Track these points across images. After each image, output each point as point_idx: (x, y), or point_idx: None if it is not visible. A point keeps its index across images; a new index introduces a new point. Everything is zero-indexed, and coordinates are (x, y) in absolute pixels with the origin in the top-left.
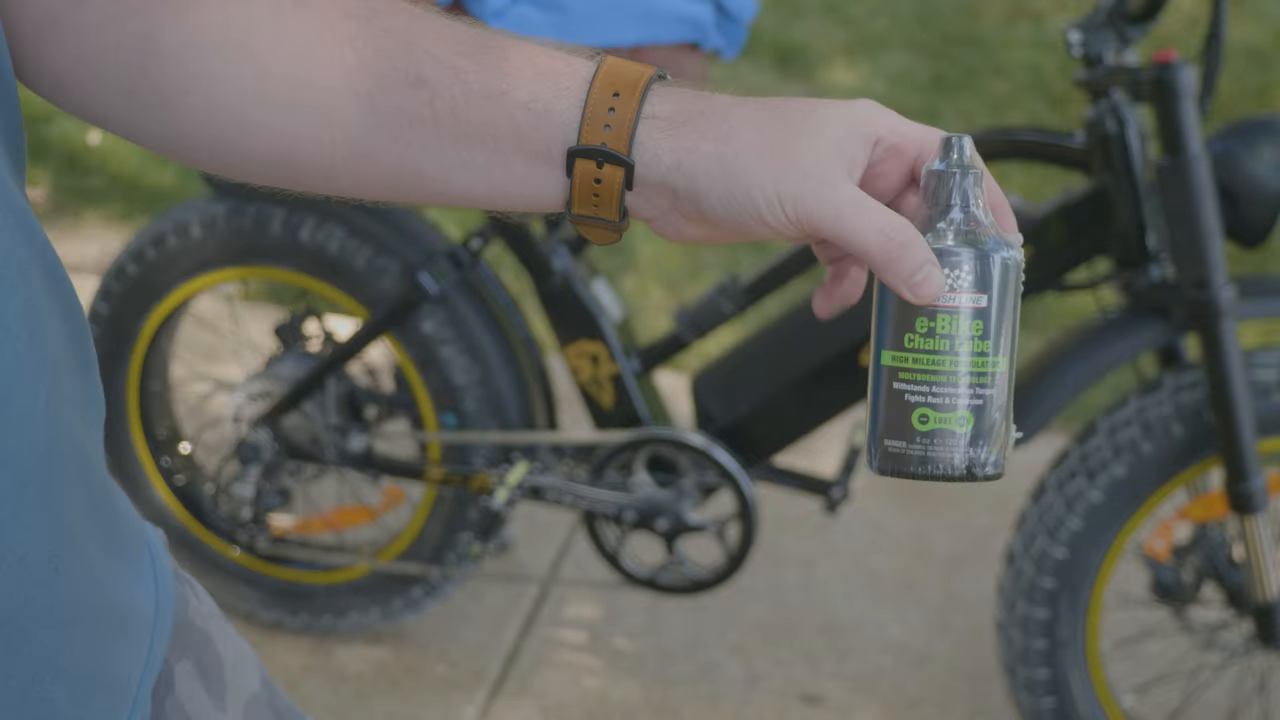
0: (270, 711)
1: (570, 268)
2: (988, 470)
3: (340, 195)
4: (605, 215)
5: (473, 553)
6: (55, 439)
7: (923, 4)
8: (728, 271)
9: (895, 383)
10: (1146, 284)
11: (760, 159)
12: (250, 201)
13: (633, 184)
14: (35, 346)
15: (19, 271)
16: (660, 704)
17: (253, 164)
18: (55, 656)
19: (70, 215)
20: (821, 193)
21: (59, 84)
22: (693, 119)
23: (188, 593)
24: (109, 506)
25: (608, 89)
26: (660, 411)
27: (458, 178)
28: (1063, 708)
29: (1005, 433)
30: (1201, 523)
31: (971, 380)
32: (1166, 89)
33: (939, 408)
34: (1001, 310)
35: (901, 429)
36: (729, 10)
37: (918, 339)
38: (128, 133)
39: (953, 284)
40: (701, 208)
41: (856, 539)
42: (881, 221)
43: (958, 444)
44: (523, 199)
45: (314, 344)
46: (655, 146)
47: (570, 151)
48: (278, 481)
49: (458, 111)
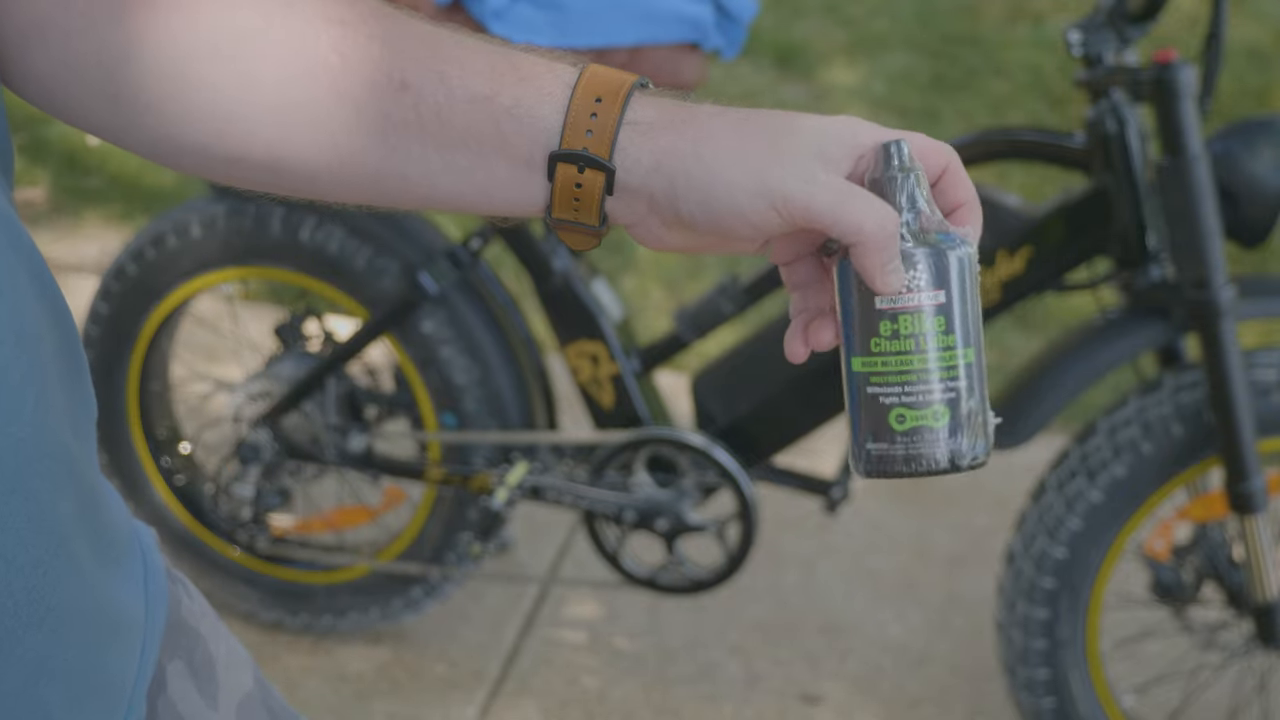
0: (264, 710)
1: (570, 268)
2: (971, 459)
3: (326, 200)
4: (585, 220)
5: (473, 553)
6: (43, 444)
7: (923, 4)
8: (728, 271)
9: (868, 387)
10: (1146, 284)
11: (741, 158)
12: (250, 201)
13: (613, 189)
14: (22, 352)
15: (6, 277)
16: (660, 704)
17: (239, 169)
18: (47, 661)
19: (70, 215)
20: (814, 179)
21: (44, 88)
22: (674, 124)
23: (180, 592)
24: (99, 509)
25: (590, 95)
26: (660, 411)
27: (441, 182)
28: (1063, 708)
29: (983, 420)
30: (1201, 523)
31: (941, 375)
32: (1166, 89)
33: (914, 405)
34: (962, 303)
35: (881, 431)
36: (729, 10)
37: (884, 342)
38: (113, 137)
39: (910, 284)
40: (680, 211)
41: (856, 539)
42: (878, 206)
43: (937, 438)
44: (505, 203)
45: (314, 344)
46: (636, 151)
47: (552, 156)
48: (278, 481)
49: (441, 116)
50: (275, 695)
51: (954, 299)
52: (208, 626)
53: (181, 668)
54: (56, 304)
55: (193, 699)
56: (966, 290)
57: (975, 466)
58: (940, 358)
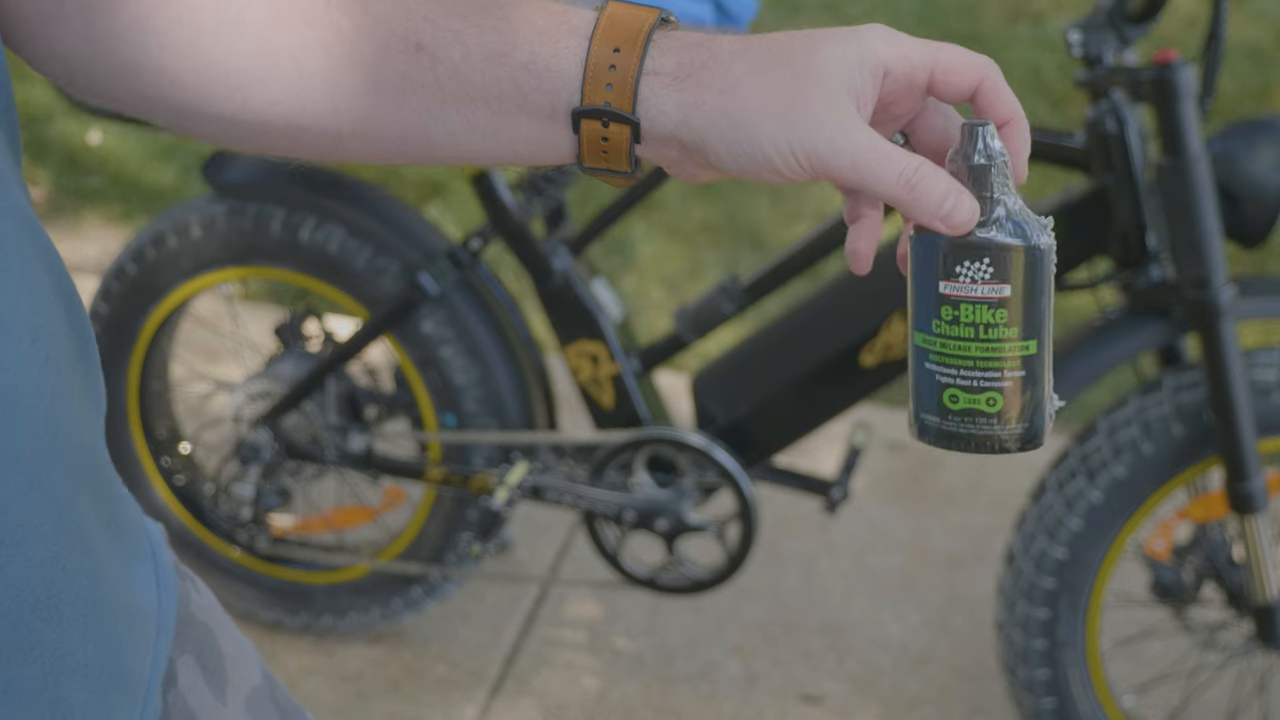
0: (272, 705)
1: (570, 268)
2: (1022, 443)
3: (353, 162)
4: (617, 167)
5: (473, 553)
6: (61, 439)
7: (923, 4)
8: (728, 271)
9: (926, 363)
10: (1146, 284)
11: (768, 111)
12: (250, 201)
13: (640, 138)
14: (40, 347)
15: (25, 273)
16: (660, 704)
17: (263, 137)
18: (67, 656)
19: (70, 215)
20: (836, 140)
21: (66, 66)
22: (695, 72)
23: (189, 588)
24: (114, 503)
25: (608, 45)
26: (660, 411)
27: (467, 140)
28: (1063, 708)
29: (1042, 406)
30: (1201, 523)
31: (997, 365)
32: (1166, 89)
33: (968, 390)
34: (1028, 296)
35: (934, 405)
36: (729, 10)
37: (944, 325)
38: (138, 111)
39: (974, 275)
40: (710, 160)
41: (856, 539)
42: (899, 164)
43: (991, 422)
44: (533, 155)
45: (314, 344)
46: (660, 103)
47: (574, 113)
48: (278, 481)
49: (459, 76)
50: (282, 690)
51: (1019, 293)
52: (216, 622)
53: (191, 662)
54: (71, 297)
55: (202, 693)
56: (1036, 283)
57: (1026, 449)
58: (999, 348)
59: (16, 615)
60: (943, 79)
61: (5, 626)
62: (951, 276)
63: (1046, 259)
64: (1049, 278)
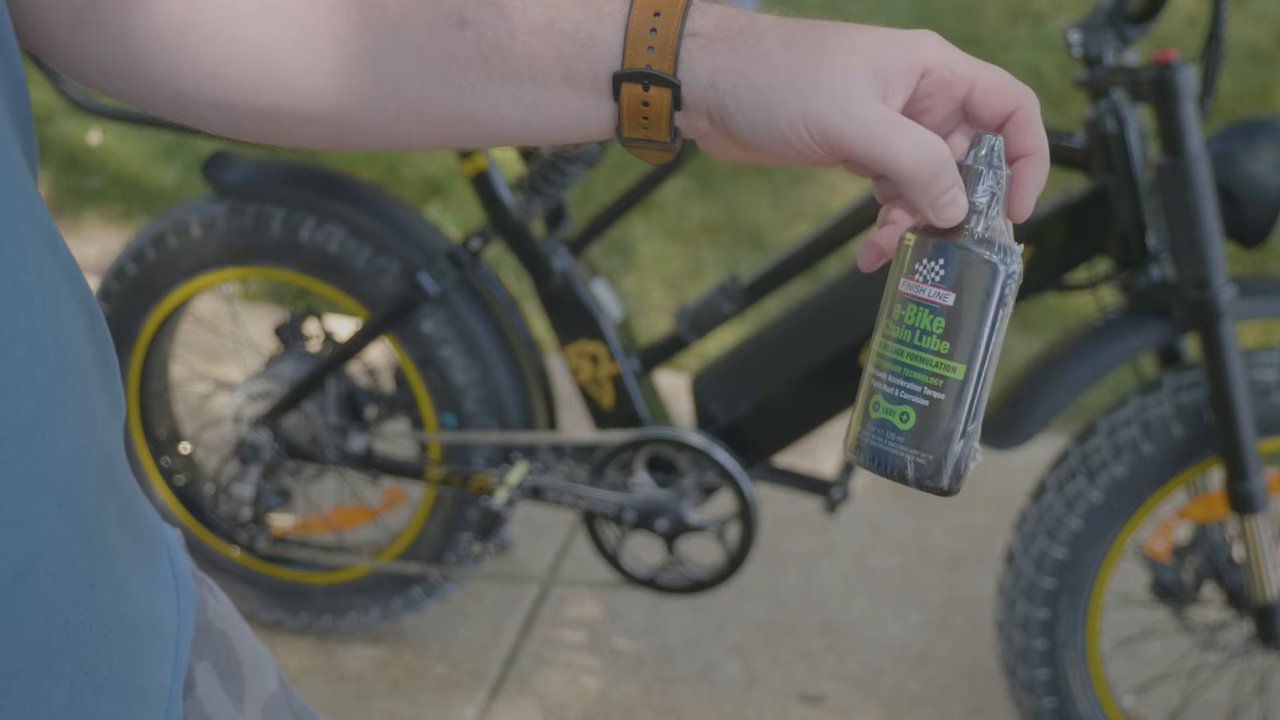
0: (288, 712)
1: (570, 268)
2: (929, 481)
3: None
4: (656, 136)
5: (473, 553)
6: (87, 454)
7: (922, 4)
8: (728, 271)
9: (870, 365)
10: (1146, 284)
11: (788, 79)
12: (250, 201)
13: (681, 104)
14: (65, 361)
15: (48, 286)
16: (660, 704)
17: (307, 128)
18: (94, 672)
19: (70, 215)
20: (851, 111)
21: (102, 69)
22: (731, 36)
23: (206, 594)
24: (136, 514)
25: (649, 9)
26: (660, 411)
27: (511, 115)
28: (1063, 708)
29: (957, 445)
30: (1201, 523)
31: (920, 377)
32: (1166, 89)
33: (888, 397)
34: (974, 317)
35: (862, 410)
36: None
37: (891, 325)
38: (178, 112)
39: (927, 274)
40: (729, 130)
41: (856, 539)
42: (916, 137)
43: (896, 440)
44: (575, 129)
45: (314, 344)
46: (695, 65)
47: (615, 76)
48: (278, 481)
49: (503, 49)
50: (297, 697)
51: (963, 307)
52: (233, 628)
53: (209, 669)
54: (89, 305)
55: (220, 700)
56: (984, 304)
57: (931, 490)
58: (925, 359)
59: (46, 636)
60: (983, 96)
61: (34, 648)
62: (911, 274)
63: (1002, 283)
64: (999, 307)
